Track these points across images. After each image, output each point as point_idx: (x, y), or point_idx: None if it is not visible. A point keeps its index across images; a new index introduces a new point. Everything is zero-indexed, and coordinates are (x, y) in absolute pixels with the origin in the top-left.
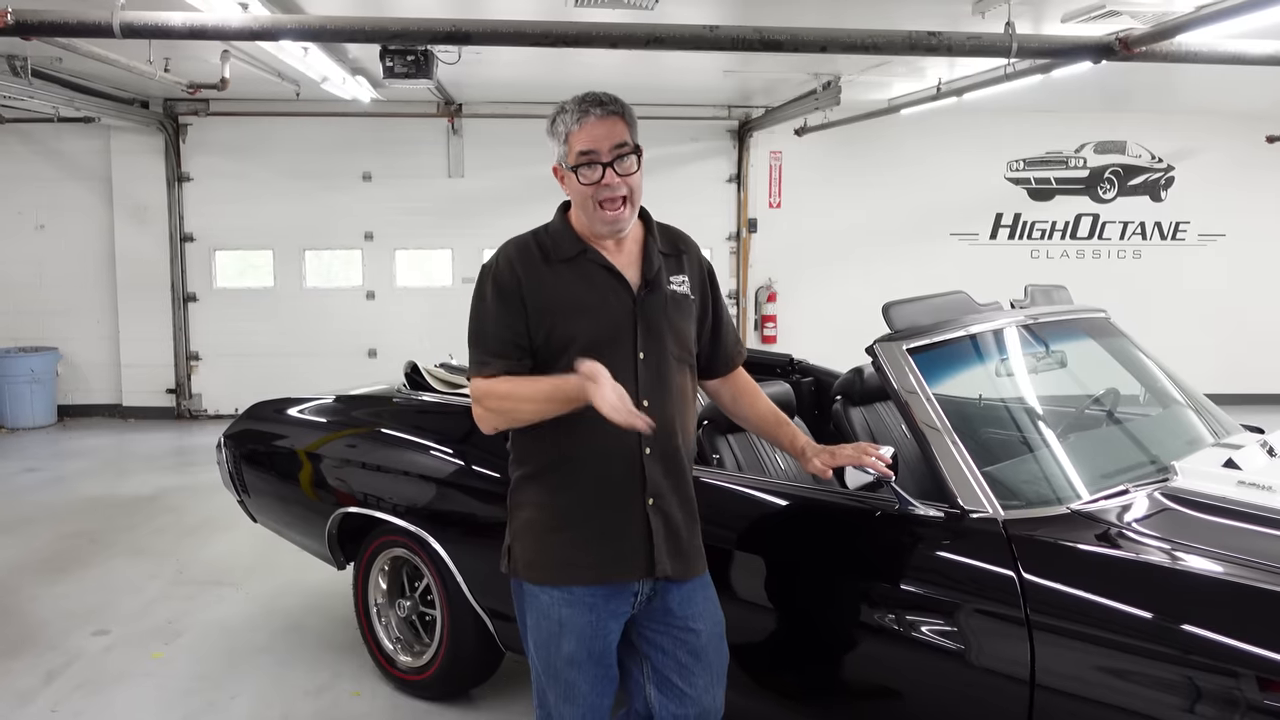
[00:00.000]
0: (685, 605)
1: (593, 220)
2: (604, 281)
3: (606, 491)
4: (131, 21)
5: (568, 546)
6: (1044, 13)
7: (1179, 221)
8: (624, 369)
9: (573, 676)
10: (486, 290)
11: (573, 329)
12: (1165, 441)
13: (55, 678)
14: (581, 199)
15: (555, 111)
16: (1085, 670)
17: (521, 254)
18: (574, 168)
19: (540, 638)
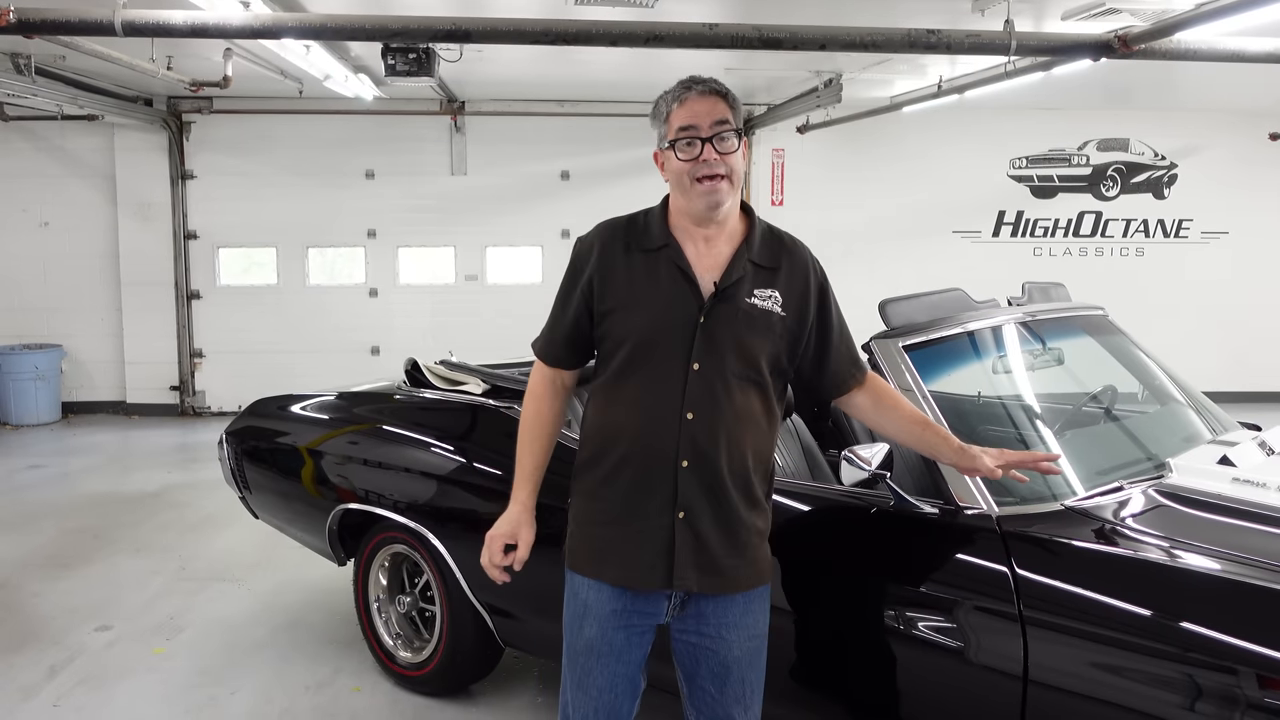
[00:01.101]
0: (720, 614)
1: (690, 197)
2: (673, 282)
3: (638, 499)
4: (133, 20)
5: (599, 541)
6: (1044, 10)
7: (1182, 219)
8: (673, 378)
9: (589, 664)
10: (568, 268)
11: (629, 325)
12: (1162, 439)
13: (58, 673)
14: (679, 176)
15: (658, 98)
16: (1078, 666)
17: (608, 237)
18: (673, 143)
19: (568, 618)
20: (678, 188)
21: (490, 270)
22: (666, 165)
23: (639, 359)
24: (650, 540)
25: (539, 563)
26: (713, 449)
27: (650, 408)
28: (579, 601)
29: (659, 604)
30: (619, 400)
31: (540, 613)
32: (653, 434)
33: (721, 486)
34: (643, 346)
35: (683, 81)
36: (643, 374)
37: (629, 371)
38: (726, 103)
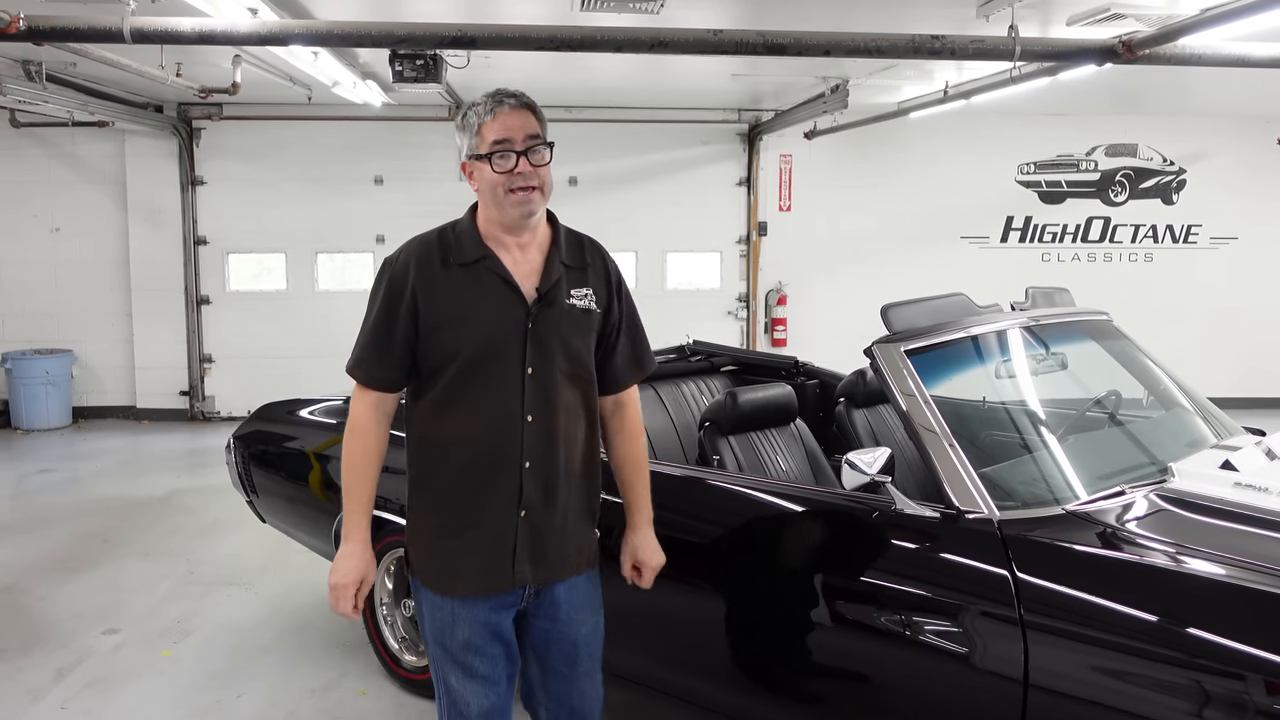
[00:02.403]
0: (568, 598)
1: (504, 207)
2: (498, 292)
3: (480, 505)
4: (141, 27)
5: (450, 557)
6: (1050, 16)
7: (1191, 225)
8: (510, 383)
9: (469, 659)
10: (380, 289)
11: (461, 339)
12: (1165, 443)
13: (65, 675)
14: (492, 188)
15: (464, 108)
16: (1078, 670)
17: (422, 254)
18: (488, 155)
19: (436, 627)
20: (491, 199)
21: None
22: (477, 176)
23: (475, 370)
24: (494, 544)
25: None
26: (552, 448)
27: (492, 415)
28: (444, 613)
29: (516, 596)
30: (454, 412)
31: None
32: (496, 440)
33: (559, 482)
34: (477, 357)
35: (493, 95)
36: (479, 384)
37: (464, 383)
38: (536, 116)
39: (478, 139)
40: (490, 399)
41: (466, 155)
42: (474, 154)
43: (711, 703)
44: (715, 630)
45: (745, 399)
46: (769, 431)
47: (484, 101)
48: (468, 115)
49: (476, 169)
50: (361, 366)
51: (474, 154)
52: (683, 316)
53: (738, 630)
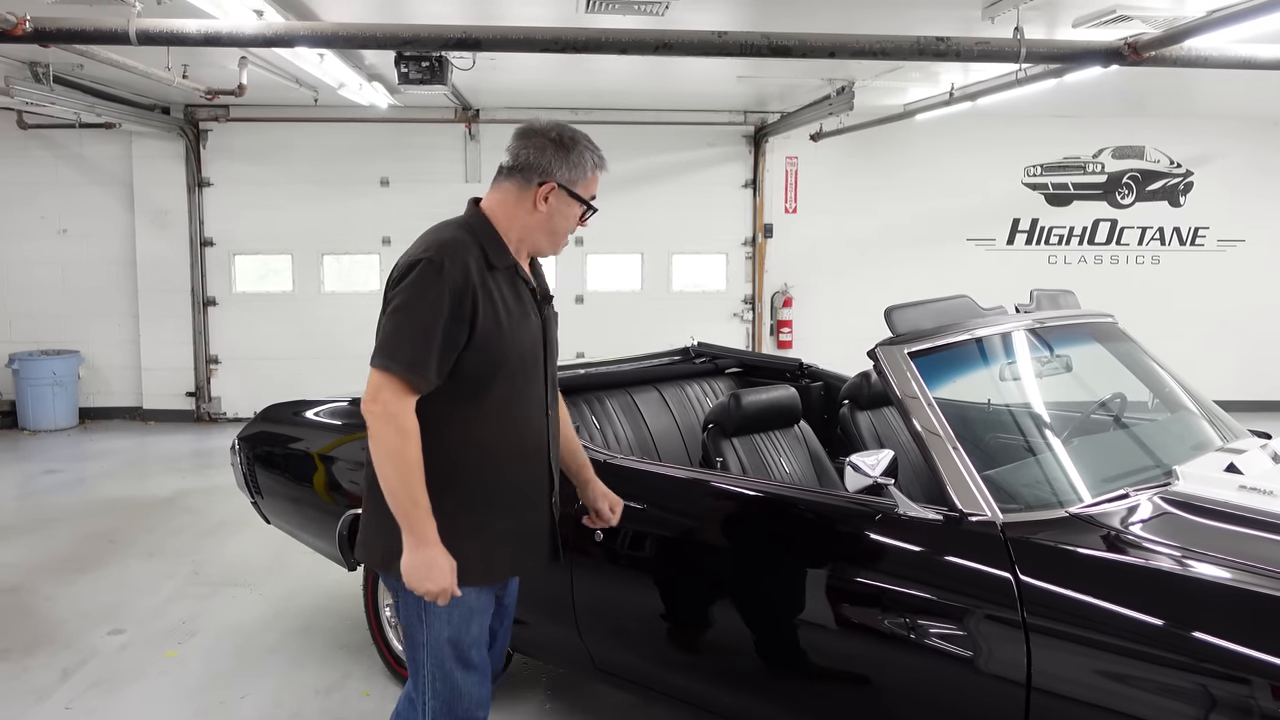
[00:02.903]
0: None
1: (557, 242)
2: (527, 296)
3: (533, 495)
4: (147, 29)
5: (490, 548)
6: (1056, 18)
7: (1198, 227)
8: (539, 382)
9: (475, 654)
10: (435, 290)
11: (510, 343)
12: (1170, 446)
13: (70, 675)
14: (564, 223)
15: (572, 138)
16: (1082, 673)
17: (471, 256)
18: (586, 204)
19: (454, 626)
20: (555, 230)
21: None
22: (558, 206)
23: (519, 367)
24: (538, 528)
25: (549, 569)
26: (558, 436)
27: (531, 410)
28: (465, 608)
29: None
30: (494, 407)
31: (548, 619)
32: (537, 433)
33: (558, 465)
34: (521, 356)
35: (602, 155)
36: (522, 384)
37: (505, 381)
38: None
39: (585, 181)
40: (530, 395)
41: (564, 184)
42: (573, 190)
43: (713, 704)
44: (717, 632)
45: (749, 401)
46: (773, 434)
47: (597, 152)
48: (584, 153)
49: (562, 201)
50: (418, 371)
51: (573, 190)
52: (688, 318)
53: (740, 632)
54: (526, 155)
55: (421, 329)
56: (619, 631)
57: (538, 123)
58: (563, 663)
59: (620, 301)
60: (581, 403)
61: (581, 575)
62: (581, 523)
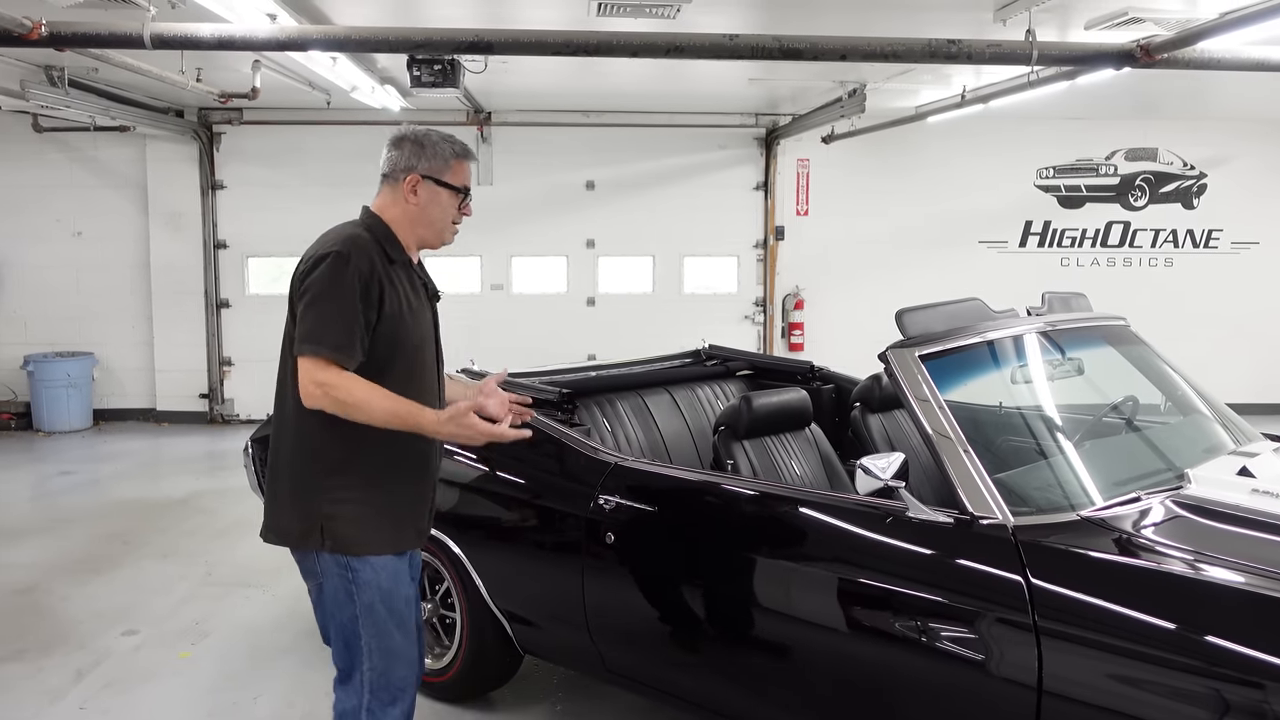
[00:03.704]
0: (416, 556)
1: (444, 233)
2: (420, 289)
3: (427, 465)
4: (162, 33)
5: (394, 517)
6: (1067, 20)
7: (1211, 229)
8: (432, 363)
9: (408, 613)
10: (346, 278)
11: (406, 326)
12: (1183, 449)
13: (85, 676)
14: (442, 215)
15: (425, 133)
16: (1093, 676)
17: (374, 251)
18: (462, 193)
19: (384, 591)
20: (436, 221)
21: (516, 280)
22: (429, 196)
23: (415, 353)
24: (430, 503)
25: (560, 572)
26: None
27: (428, 392)
28: (388, 571)
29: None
30: (402, 389)
31: (560, 621)
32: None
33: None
34: (416, 343)
35: (465, 144)
36: (414, 367)
37: (409, 364)
38: None
39: (448, 169)
40: (425, 379)
41: (427, 174)
42: (437, 178)
43: (724, 707)
44: (728, 635)
45: (760, 404)
46: (784, 436)
47: (454, 141)
48: (439, 145)
49: (433, 191)
50: (344, 352)
51: (437, 178)
52: (699, 320)
53: (751, 635)
54: (394, 158)
55: (340, 313)
56: (630, 633)
57: (402, 128)
58: (574, 664)
59: (632, 304)
60: (593, 404)
61: (593, 577)
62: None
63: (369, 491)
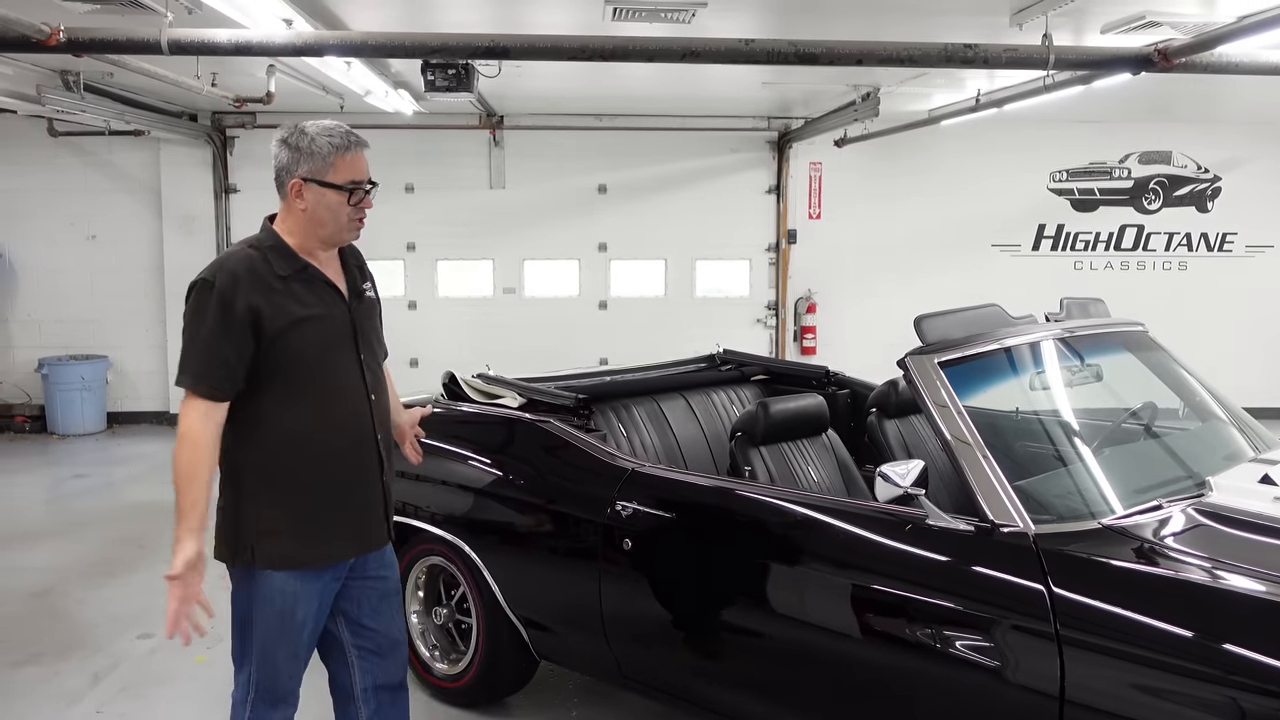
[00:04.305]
0: (379, 557)
1: (342, 231)
2: (326, 294)
3: (354, 478)
4: (179, 39)
5: (316, 530)
6: (1083, 24)
7: (1226, 233)
8: (351, 371)
9: (301, 636)
10: (209, 307)
11: (305, 338)
12: (1202, 456)
13: (101, 679)
14: (334, 214)
15: (299, 131)
16: (1116, 686)
17: (248, 273)
18: (348, 190)
19: (275, 609)
20: (329, 221)
21: (528, 283)
22: (314, 198)
23: (323, 362)
24: (370, 508)
25: (576, 578)
26: (387, 419)
27: (348, 399)
28: (287, 594)
29: (345, 566)
30: (311, 402)
31: (576, 626)
32: (356, 419)
33: (393, 447)
34: (323, 352)
35: (345, 133)
36: (329, 374)
37: (315, 375)
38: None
39: (328, 168)
40: (342, 386)
41: (306, 176)
42: (318, 178)
43: (741, 714)
44: (746, 642)
45: (777, 409)
46: (801, 442)
47: (337, 135)
48: (315, 140)
49: (315, 192)
50: (203, 382)
51: (318, 178)
52: (711, 324)
53: (769, 642)
54: (276, 164)
55: (202, 344)
56: (647, 639)
57: (282, 129)
58: (590, 670)
59: (643, 307)
60: (608, 410)
61: (609, 583)
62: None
63: (286, 504)
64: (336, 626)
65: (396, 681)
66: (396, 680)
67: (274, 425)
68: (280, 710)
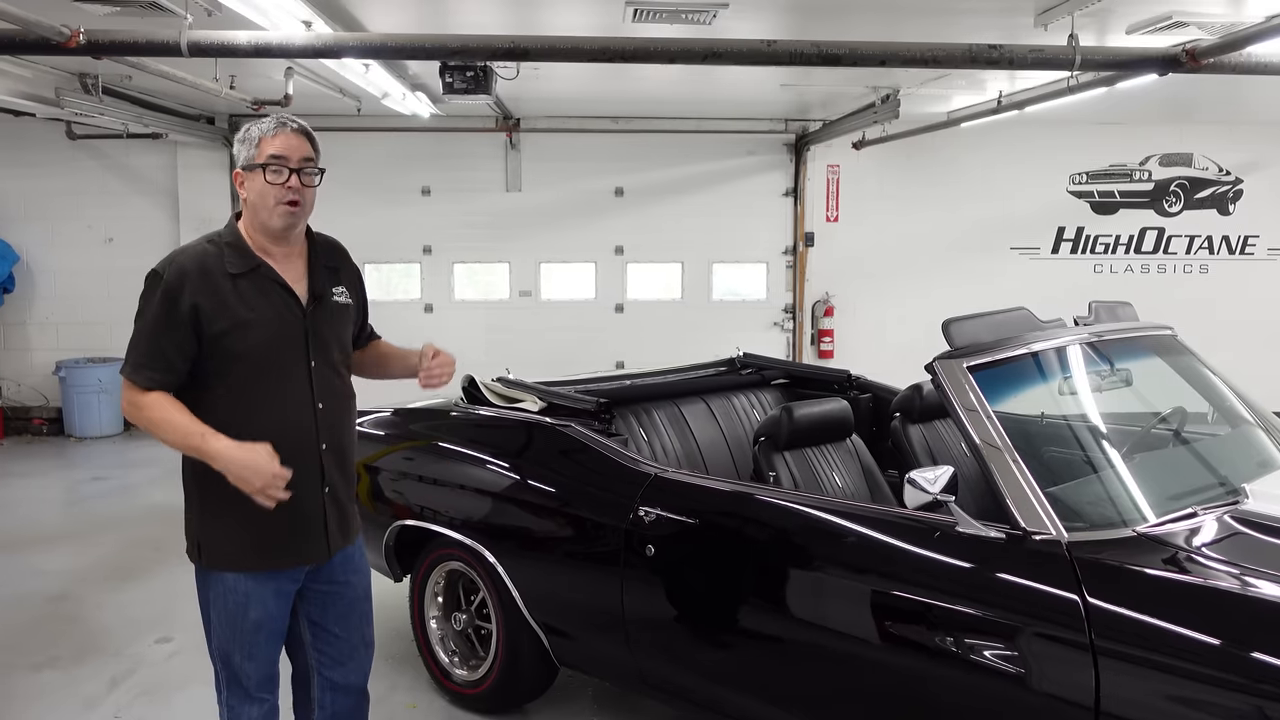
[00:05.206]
0: (344, 563)
1: (270, 215)
2: (277, 296)
3: (295, 487)
4: (199, 40)
5: (261, 537)
6: (1107, 24)
7: (1248, 235)
8: (299, 376)
9: (257, 638)
10: (154, 300)
11: (246, 340)
12: (1235, 462)
13: (119, 684)
14: (261, 195)
15: (246, 126)
16: (1153, 698)
17: (197, 267)
18: (263, 166)
19: (228, 609)
20: (260, 207)
21: (544, 286)
22: (249, 185)
23: (264, 366)
24: (308, 520)
25: (598, 584)
26: (340, 428)
27: (288, 405)
28: (238, 594)
29: (302, 572)
30: (250, 406)
31: (597, 632)
32: (296, 427)
33: (348, 458)
34: (265, 355)
35: (276, 117)
36: (270, 378)
37: (254, 379)
38: (312, 143)
39: (256, 151)
40: (284, 392)
41: (241, 165)
42: (249, 164)
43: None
44: (770, 650)
45: (801, 414)
46: (825, 447)
47: (268, 122)
48: (249, 130)
49: (249, 179)
50: (142, 372)
51: (249, 164)
52: (728, 327)
53: (794, 651)
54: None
55: (143, 336)
56: (670, 647)
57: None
58: (611, 677)
59: (660, 310)
60: (629, 414)
61: (632, 589)
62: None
63: (227, 505)
64: (299, 628)
65: (357, 687)
66: (357, 686)
67: (213, 421)
68: (255, 706)
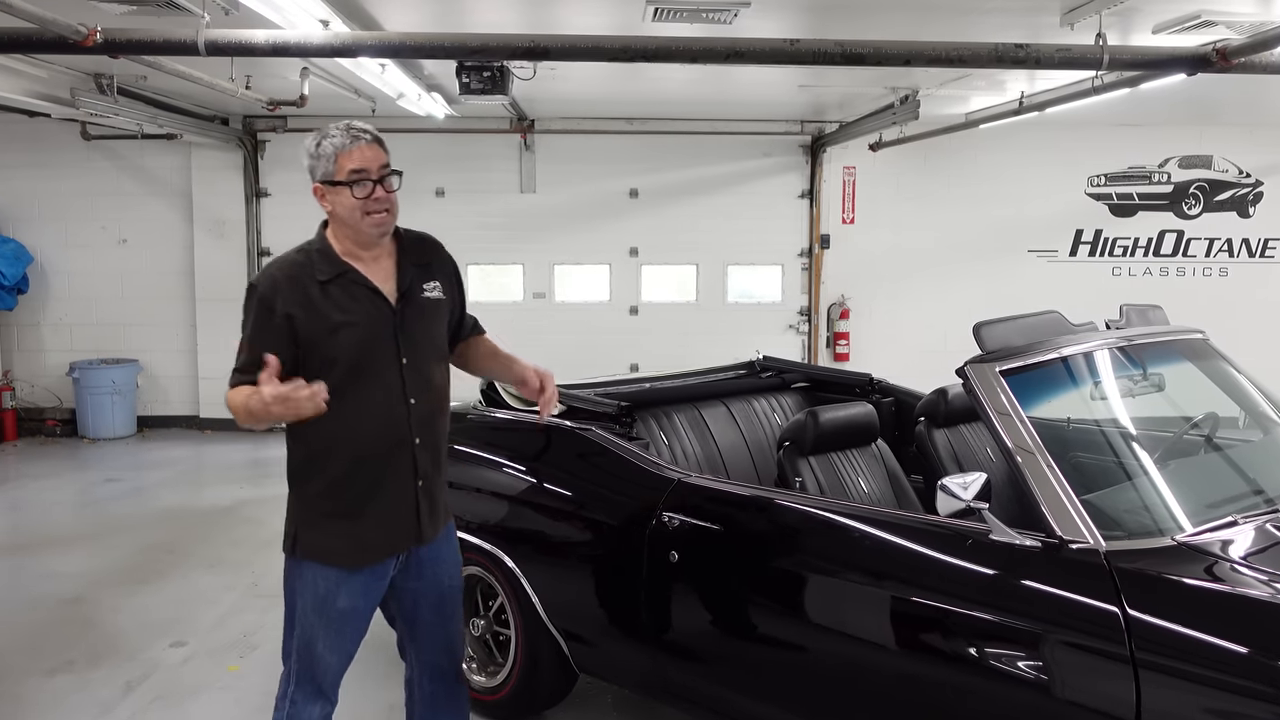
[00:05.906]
0: (434, 554)
1: (360, 228)
2: (365, 298)
3: (384, 482)
4: (216, 39)
5: (354, 531)
6: (1133, 23)
7: (1268, 238)
8: (391, 375)
9: (344, 625)
10: (252, 310)
11: (339, 345)
12: (1271, 469)
13: (134, 688)
14: (349, 211)
15: (316, 138)
16: (1196, 712)
17: (288, 278)
18: (349, 183)
19: (317, 595)
20: (347, 220)
21: (558, 288)
22: (332, 200)
23: (357, 366)
24: (401, 513)
25: (620, 590)
26: (433, 423)
27: (382, 404)
28: (330, 581)
29: (392, 565)
30: (346, 406)
31: (618, 639)
32: (390, 424)
33: (441, 452)
34: (358, 356)
35: (346, 129)
36: (363, 378)
37: (349, 379)
38: (385, 150)
39: (334, 167)
40: (377, 390)
41: (320, 180)
42: (329, 179)
43: None
44: (795, 658)
45: (827, 418)
46: (850, 452)
47: (339, 134)
48: (322, 145)
49: (332, 194)
50: (238, 378)
51: (329, 179)
52: (743, 330)
53: (819, 659)
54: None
55: (246, 343)
56: (694, 654)
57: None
58: (632, 684)
59: (675, 313)
60: (649, 417)
61: (654, 595)
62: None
63: (320, 500)
64: (401, 621)
65: (450, 676)
66: (451, 674)
67: (315, 425)
68: (319, 706)
